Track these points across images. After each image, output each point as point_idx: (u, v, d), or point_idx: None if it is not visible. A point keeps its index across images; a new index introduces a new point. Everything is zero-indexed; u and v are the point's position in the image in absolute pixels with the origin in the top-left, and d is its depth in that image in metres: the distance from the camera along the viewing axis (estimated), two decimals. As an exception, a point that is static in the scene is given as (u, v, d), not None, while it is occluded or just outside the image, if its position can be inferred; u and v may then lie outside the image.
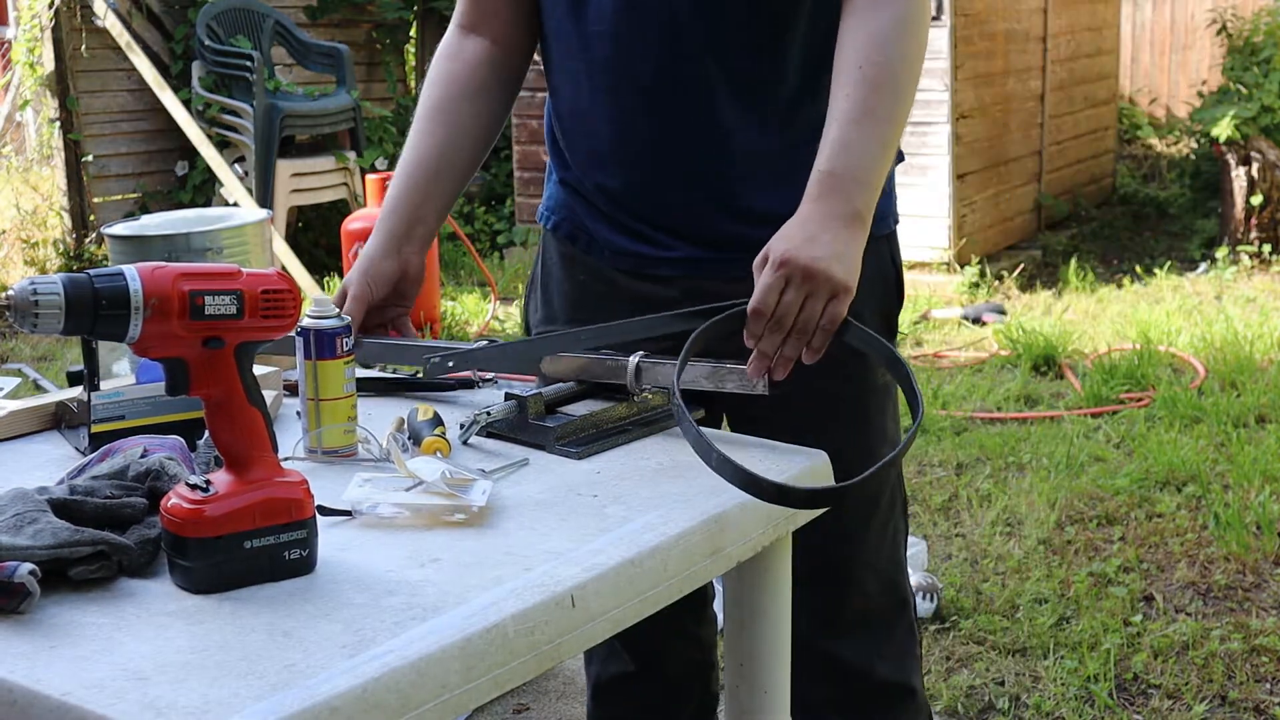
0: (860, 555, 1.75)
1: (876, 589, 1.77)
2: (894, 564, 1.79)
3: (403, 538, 1.25)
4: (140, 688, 0.97)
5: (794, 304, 1.42)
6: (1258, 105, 6.75)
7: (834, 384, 1.63)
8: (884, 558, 1.77)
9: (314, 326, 1.46)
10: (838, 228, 1.45)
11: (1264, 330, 5.35)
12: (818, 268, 1.42)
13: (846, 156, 1.47)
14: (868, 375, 1.69)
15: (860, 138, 1.48)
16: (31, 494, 1.19)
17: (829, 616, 1.74)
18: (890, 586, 1.78)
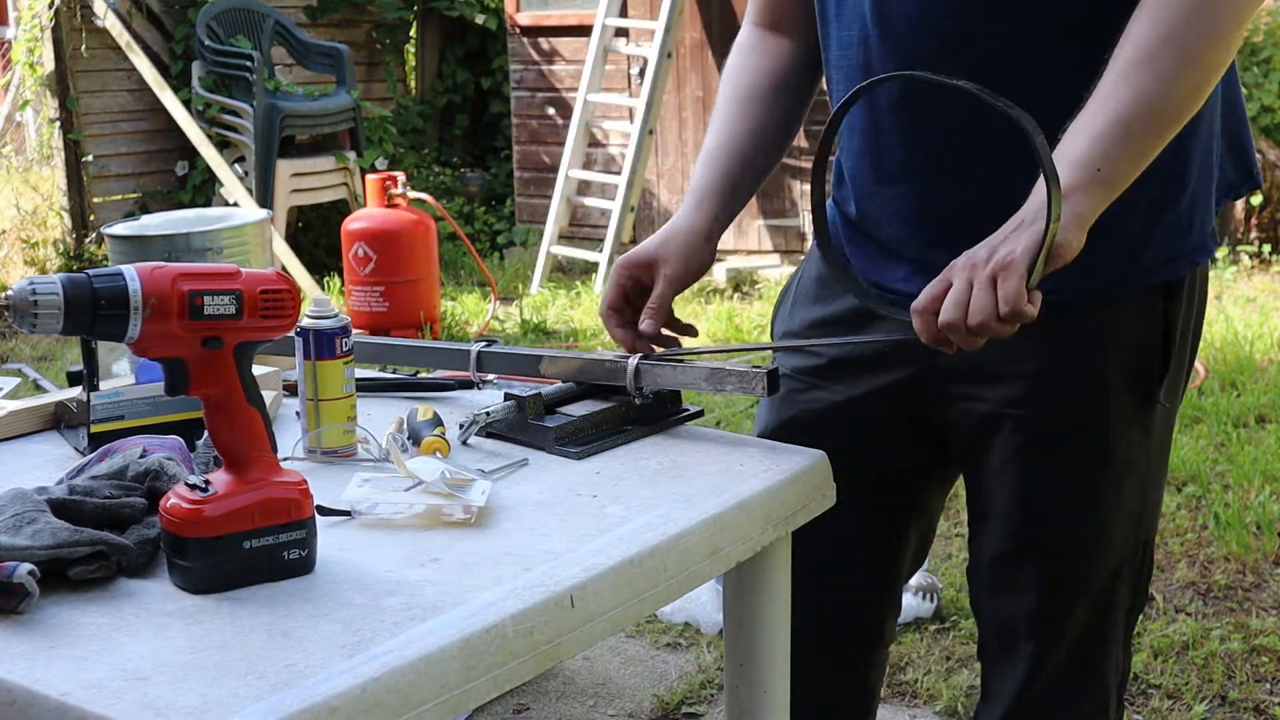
0: (1071, 628, 1.56)
1: (1075, 662, 1.58)
2: (1104, 636, 1.58)
3: (402, 538, 1.25)
4: (139, 688, 0.97)
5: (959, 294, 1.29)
6: (1258, 105, 6.75)
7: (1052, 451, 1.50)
8: (1094, 631, 1.57)
9: (313, 327, 1.46)
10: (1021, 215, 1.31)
11: (1264, 330, 5.35)
12: (975, 258, 1.29)
13: (1081, 154, 1.29)
14: (1104, 444, 1.50)
15: (1107, 133, 1.29)
16: (31, 494, 1.19)
17: (1024, 686, 1.58)
18: (1091, 660, 1.59)
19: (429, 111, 8.54)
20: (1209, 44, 1.30)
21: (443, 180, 8.08)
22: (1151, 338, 1.48)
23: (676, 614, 3.07)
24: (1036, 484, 1.52)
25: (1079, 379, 1.48)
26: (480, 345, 1.67)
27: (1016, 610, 1.57)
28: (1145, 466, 1.53)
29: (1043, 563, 1.55)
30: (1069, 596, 1.55)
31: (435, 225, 5.77)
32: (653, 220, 7.25)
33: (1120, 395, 1.48)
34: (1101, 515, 1.52)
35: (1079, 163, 1.28)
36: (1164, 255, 1.46)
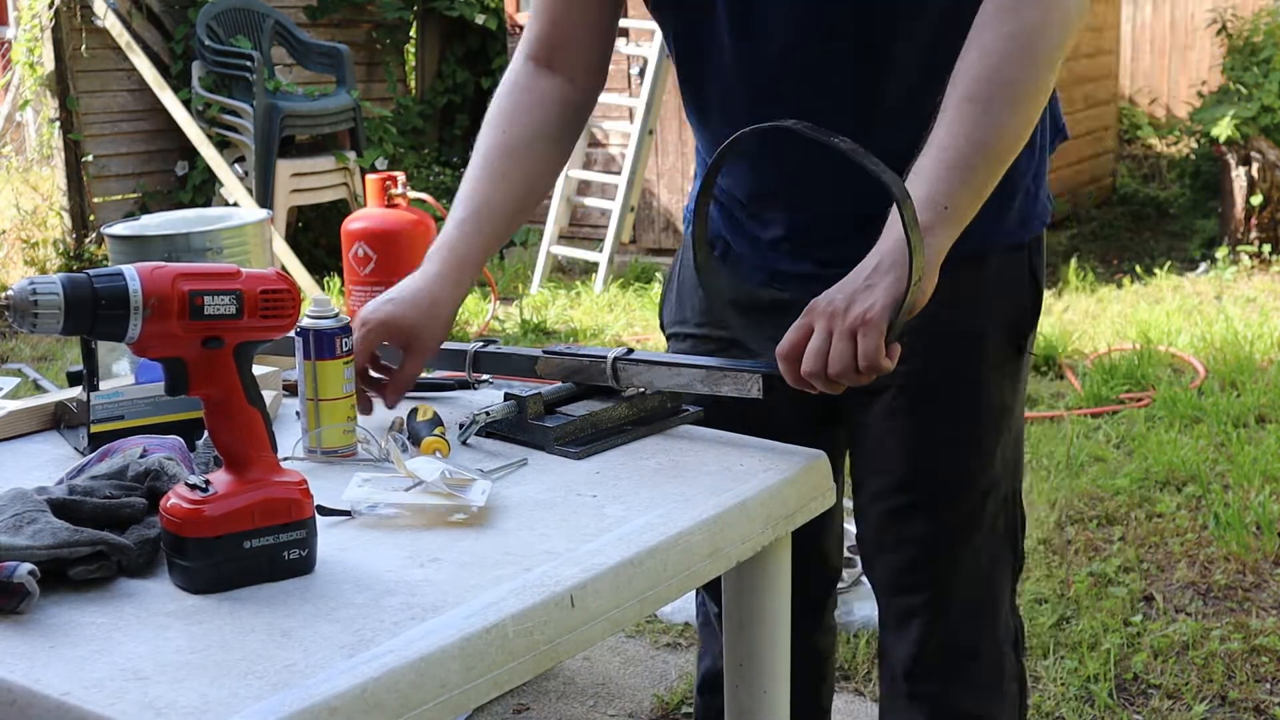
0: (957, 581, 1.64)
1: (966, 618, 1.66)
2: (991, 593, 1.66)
3: (402, 538, 1.25)
4: (139, 688, 0.97)
5: (818, 348, 1.34)
6: (1258, 105, 6.75)
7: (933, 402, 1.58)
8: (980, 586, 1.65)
9: (313, 326, 1.46)
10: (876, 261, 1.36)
11: (1264, 330, 5.35)
12: (833, 309, 1.34)
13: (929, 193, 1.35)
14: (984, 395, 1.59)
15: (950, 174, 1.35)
16: (31, 494, 1.19)
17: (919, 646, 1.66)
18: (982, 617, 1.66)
19: (429, 111, 8.54)
20: (1035, 77, 1.37)
21: (443, 180, 8.08)
22: (1020, 291, 1.59)
23: (676, 614, 3.07)
24: (921, 438, 1.59)
25: (957, 334, 1.56)
26: (477, 346, 1.67)
27: (907, 564, 1.64)
28: (1016, 414, 1.63)
29: (930, 513, 1.62)
30: (957, 546, 1.62)
31: (435, 225, 5.76)
32: (653, 220, 7.25)
33: (994, 347, 1.57)
34: (983, 461, 1.61)
35: (927, 203, 1.34)
36: (1021, 217, 1.57)
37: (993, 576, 1.65)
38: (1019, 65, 1.36)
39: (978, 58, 1.36)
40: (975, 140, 1.35)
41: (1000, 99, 1.36)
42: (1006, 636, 1.68)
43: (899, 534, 1.64)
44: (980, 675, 1.67)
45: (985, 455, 1.61)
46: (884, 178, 1.30)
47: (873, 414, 1.61)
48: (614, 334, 5.77)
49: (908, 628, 1.66)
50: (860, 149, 1.32)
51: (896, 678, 1.69)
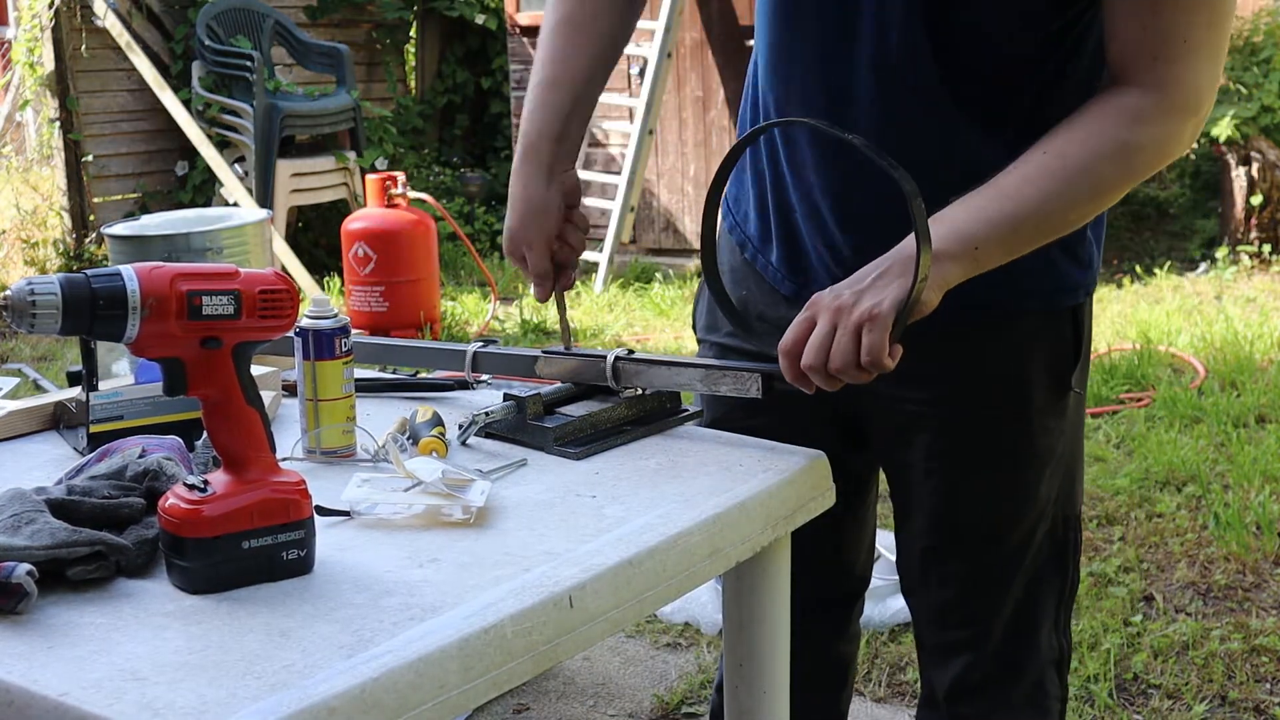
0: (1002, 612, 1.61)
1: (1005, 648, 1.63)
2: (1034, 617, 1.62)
3: (401, 538, 1.24)
4: (138, 688, 0.97)
5: (820, 338, 1.33)
6: (1258, 105, 6.75)
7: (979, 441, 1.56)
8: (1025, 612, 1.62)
9: (312, 327, 1.46)
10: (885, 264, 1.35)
11: (1264, 330, 5.35)
12: (839, 304, 1.33)
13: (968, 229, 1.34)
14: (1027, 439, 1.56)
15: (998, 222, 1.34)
16: (29, 494, 1.19)
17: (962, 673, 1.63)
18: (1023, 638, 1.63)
19: (429, 111, 8.54)
20: (1122, 184, 1.38)
21: (443, 180, 8.09)
22: (1062, 343, 1.55)
23: (676, 614, 3.07)
24: (961, 481, 1.57)
25: (1000, 379, 1.54)
26: (476, 346, 1.67)
27: (946, 602, 1.62)
28: (1063, 450, 1.59)
29: (969, 555, 1.60)
30: (996, 586, 1.60)
31: (435, 225, 5.77)
32: (653, 220, 7.24)
33: (1039, 388, 1.54)
34: (1025, 505, 1.57)
35: (961, 237, 1.33)
36: (1067, 283, 1.53)
37: (1036, 599, 1.62)
38: (1115, 170, 1.36)
39: (1079, 143, 1.35)
40: (1039, 209, 1.35)
41: (1084, 188, 1.35)
42: (1050, 657, 1.64)
43: (940, 572, 1.62)
44: (1022, 696, 1.64)
45: (1028, 499, 1.57)
46: (895, 174, 1.30)
47: (914, 453, 1.58)
48: (614, 334, 5.77)
49: (950, 659, 1.64)
50: (873, 145, 1.31)
51: (937, 702, 1.67)
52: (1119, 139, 1.34)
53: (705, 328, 1.72)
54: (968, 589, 1.61)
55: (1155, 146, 1.37)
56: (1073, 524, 1.63)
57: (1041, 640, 1.63)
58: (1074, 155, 1.34)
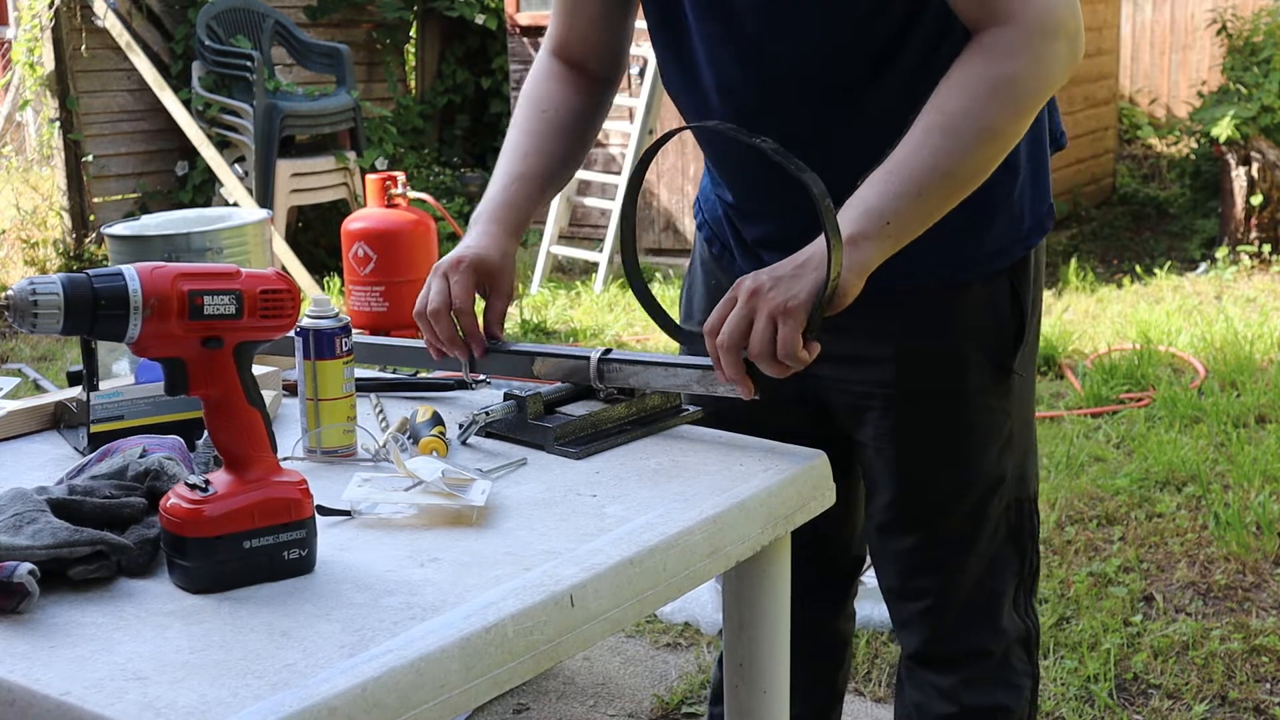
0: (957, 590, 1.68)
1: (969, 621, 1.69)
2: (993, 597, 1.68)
3: (402, 537, 1.25)
4: (139, 688, 0.97)
5: (737, 322, 1.36)
6: (1258, 105, 6.75)
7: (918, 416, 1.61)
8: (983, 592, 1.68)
9: (313, 326, 1.46)
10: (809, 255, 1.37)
11: (1264, 330, 5.35)
12: (759, 289, 1.36)
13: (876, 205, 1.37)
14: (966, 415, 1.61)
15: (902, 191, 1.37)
16: (31, 494, 1.19)
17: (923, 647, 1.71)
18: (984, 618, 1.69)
19: (429, 111, 8.54)
20: (1009, 121, 1.38)
21: (443, 180, 8.08)
22: (1003, 314, 1.59)
23: (676, 614, 3.07)
24: (906, 458, 1.62)
25: (939, 357, 1.59)
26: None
27: (905, 572, 1.69)
28: (1011, 432, 1.64)
29: (919, 530, 1.66)
30: (949, 558, 1.66)
31: (435, 225, 5.76)
32: (653, 220, 7.24)
33: (977, 369, 1.59)
34: (969, 478, 1.63)
35: (871, 214, 1.36)
36: (1003, 243, 1.56)
37: (993, 581, 1.68)
38: (996, 107, 1.37)
39: (955, 92, 1.37)
40: (936, 167, 1.37)
41: (970, 133, 1.37)
42: (1015, 635, 1.70)
43: (895, 547, 1.69)
44: (989, 671, 1.71)
45: (971, 472, 1.63)
46: (804, 178, 1.33)
47: (864, 431, 1.64)
48: (614, 334, 5.77)
49: (913, 628, 1.72)
50: (782, 149, 1.35)
51: (909, 668, 1.75)
52: (990, 76, 1.37)
53: (684, 320, 1.78)
54: (919, 562, 1.67)
55: (1030, 74, 1.38)
56: (1028, 507, 1.69)
57: (1004, 618, 1.69)
58: (953, 106, 1.37)
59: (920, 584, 1.69)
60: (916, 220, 1.38)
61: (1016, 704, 1.72)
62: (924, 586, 1.68)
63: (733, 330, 1.36)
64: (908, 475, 1.64)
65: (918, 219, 1.38)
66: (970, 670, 1.71)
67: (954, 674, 1.71)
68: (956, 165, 1.37)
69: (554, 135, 1.69)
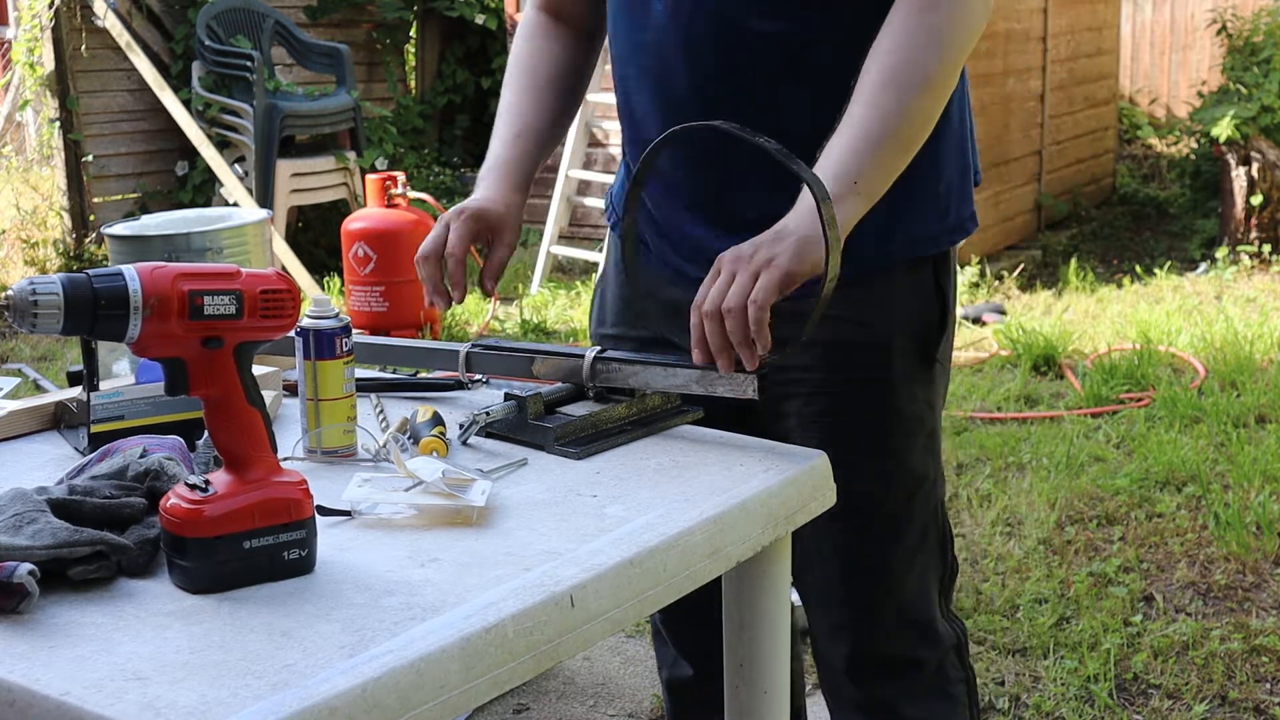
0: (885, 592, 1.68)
1: (900, 629, 1.69)
2: (923, 602, 1.69)
3: (402, 538, 1.25)
4: (139, 688, 0.97)
5: (717, 288, 1.39)
6: (1258, 105, 6.75)
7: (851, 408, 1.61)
8: (910, 596, 1.68)
9: (313, 326, 1.46)
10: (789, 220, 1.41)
11: (1264, 330, 5.35)
12: (737, 255, 1.39)
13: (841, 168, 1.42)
14: (892, 401, 1.63)
15: (862, 150, 1.42)
16: (30, 494, 1.19)
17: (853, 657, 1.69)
18: (916, 627, 1.70)
19: (429, 111, 8.54)
20: (945, 66, 1.47)
21: (443, 180, 8.09)
22: (926, 302, 1.63)
23: (676, 614, 3.07)
24: (835, 446, 1.58)
25: (864, 343, 1.60)
26: (468, 346, 1.67)
27: (833, 576, 1.67)
28: (931, 425, 1.66)
29: (850, 521, 1.62)
30: (879, 556, 1.65)
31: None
32: (653, 220, 7.24)
33: (902, 355, 1.61)
34: (895, 467, 1.64)
35: (838, 178, 1.41)
36: (925, 232, 1.61)
37: (921, 587, 1.68)
38: (933, 53, 1.45)
39: (893, 45, 1.45)
40: (887, 121, 1.43)
41: (912, 83, 1.44)
42: (947, 642, 1.70)
43: (821, 545, 1.66)
44: (924, 682, 1.70)
45: (897, 461, 1.64)
46: (805, 176, 1.36)
47: (786, 424, 1.64)
48: (614, 334, 5.77)
49: (839, 639, 1.69)
50: (785, 150, 1.38)
51: (840, 685, 1.72)
52: (921, 27, 1.45)
53: (596, 327, 1.80)
54: (848, 564, 1.66)
55: (957, 20, 1.46)
56: (941, 507, 1.70)
57: (936, 627, 1.69)
58: (892, 60, 1.44)
59: (849, 588, 1.67)
60: (881, 174, 1.44)
61: (954, 713, 1.71)
62: (853, 590, 1.67)
63: (716, 294, 1.38)
64: (835, 463, 1.57)
65: (881, 173, 1.44)
66: (906, 681, 1.69)
67: (888, 685, 1.69)
68: (905, 116, 1.44)
69: (547, 92, 1.72)
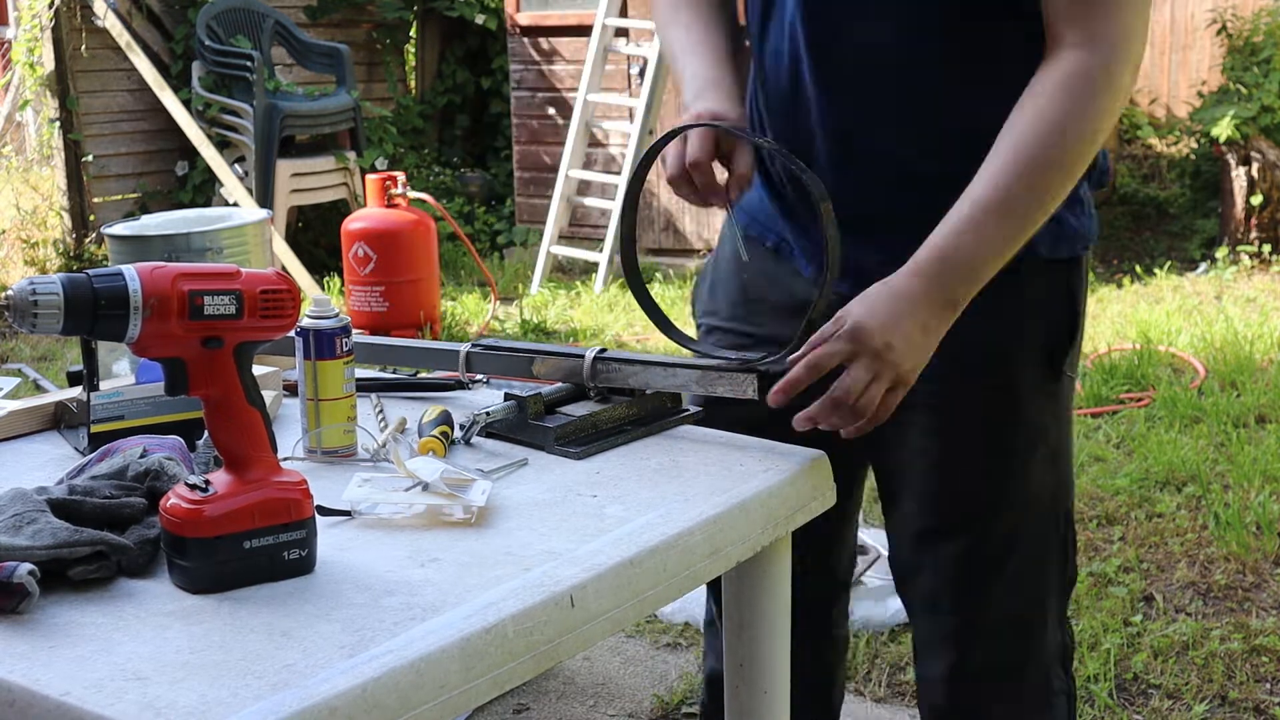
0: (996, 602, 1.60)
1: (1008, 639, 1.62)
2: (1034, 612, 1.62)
3: (402, 538, 1.25)
4: (139, 688, 0.97)
5: (858, 383, 1.35)
6: (1258, 105, 6.74)
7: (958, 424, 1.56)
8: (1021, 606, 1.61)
9: (313, 326, 1.46)
10: (926, 315, 1.37)
11: (1264, 330, 5.35)
12: (889, 357, 1.35)
13: (970, 244, 1.38)
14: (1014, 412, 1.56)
15: (990, 228, 1.38)
16: (31, 494, 1.19)
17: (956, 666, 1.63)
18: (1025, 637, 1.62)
19: (429, 111, 8.54)
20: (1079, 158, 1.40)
21: (443, 180, 8.08)
22: (1057, 310, 1.56)
23: (676, 614, 3.07)
24: (952, 459, 1.56)
25: (988, 353, 1.53)
26: (468, 346, 1.67)
27: (939, 588, 1.61)
28: (1056, 436, 1.59)
29: (964, 536, 1.58)
30: (992, 568, 1.59)
31: (435, 225, 5.77)
32: (652, 220, 7.25)
33: (1029, 366, 1.55)
34: (1016, 482, 1.57)
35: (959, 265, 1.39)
36: (1063, 233, 1.52)
37: (1037, 595, 1.61)
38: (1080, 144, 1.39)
39: (1031, 123, 1.38)
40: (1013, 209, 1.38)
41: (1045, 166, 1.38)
42: (1054, 653, 1.63)
43: (933, 556, 1.60)
44: (1024, 693, 1.63)
45: (1018, 476, 1.57)
46: (804, 177, 1.35)
47: (907, 432, 1.56)
48: (614, 334, 5.77)
49: (944, 648, 1.63)
50: (782, 149, 1.36)
51: (937, 696, 1.65)
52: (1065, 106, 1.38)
53: (705, 312, 1.73)
54: (960, 572, 1.59)
55: (1109, 108, 1.40)
56: (1067, 517, 1.63)
57: (1048, 634, 1.62)
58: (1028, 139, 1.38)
59: (961, 597, 1.60)
60: (993, 258, 1.40)
61: None
62: (965, 600, 1.60)
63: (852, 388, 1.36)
64: (953, 474, 1.57)
65: (994, 256, 1.40)
66: (1007, 692, 1.63)
67: (988, 696, 1.63)
68: (1033, 205, 1.40)
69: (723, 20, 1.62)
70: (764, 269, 1.63)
